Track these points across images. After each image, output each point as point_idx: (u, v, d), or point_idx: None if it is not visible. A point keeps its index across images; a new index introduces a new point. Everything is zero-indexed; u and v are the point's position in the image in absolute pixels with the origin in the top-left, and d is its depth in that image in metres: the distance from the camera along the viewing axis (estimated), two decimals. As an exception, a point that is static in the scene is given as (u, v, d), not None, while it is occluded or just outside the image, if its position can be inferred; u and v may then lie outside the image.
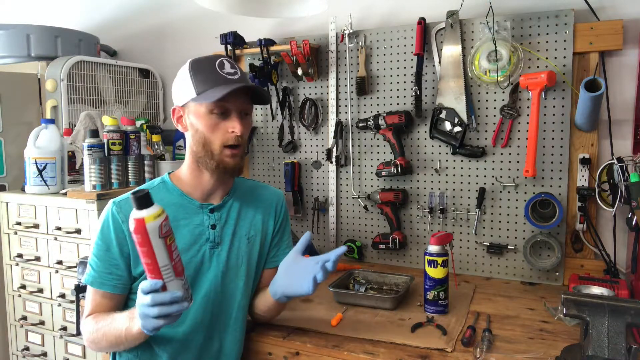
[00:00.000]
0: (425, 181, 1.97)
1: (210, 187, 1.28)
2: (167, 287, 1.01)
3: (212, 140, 1.21)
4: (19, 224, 1.97)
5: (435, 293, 1.46)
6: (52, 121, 2.00)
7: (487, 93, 1.84)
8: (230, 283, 1.29)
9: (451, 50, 1.86)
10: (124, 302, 1.25)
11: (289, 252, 1.35)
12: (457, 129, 1.86)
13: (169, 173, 1.33)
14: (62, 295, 1.89)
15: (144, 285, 1.01)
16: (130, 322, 1.10)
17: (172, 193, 1.27)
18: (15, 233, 2.00)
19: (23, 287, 1.99)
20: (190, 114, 1.23)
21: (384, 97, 2.02)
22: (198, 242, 1.26)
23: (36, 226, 1.93)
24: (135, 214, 0.97)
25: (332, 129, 2.10)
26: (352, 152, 2.09)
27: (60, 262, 1.88)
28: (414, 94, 1.91)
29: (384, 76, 2.01)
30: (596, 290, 1.46)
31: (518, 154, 1.81)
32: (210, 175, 1.26)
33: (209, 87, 1.18)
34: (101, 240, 1.21)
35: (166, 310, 1.00)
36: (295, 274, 1.22)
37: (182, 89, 1.23)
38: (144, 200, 0.96)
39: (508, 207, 1.84)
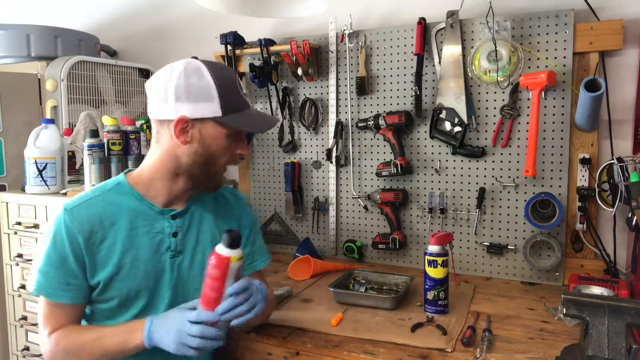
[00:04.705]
0: (425, 181, 1.97)
1: (179, 193, 1.21)
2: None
3: (218, 162, 1.17)
4: (19, 224, 1.97)
5: (435, 293, 1.46)
6: (52, 121, 2.00)
7: (487, 93, 1.84)
8: (195, 293, 1.14)
9: (451, 50, 1.86)
10: (83, 311, 1.19)
11: (264, 253, 1.36)
12: (457, 129, 1.86)
13: (126, 173, 1.21)
14: (62, 295, 1.89)
15: (195, 315, 1.04)
16: (129, 336, 1.09)
17: (128, 196, 1.17)
18: (15, 233, 2.00)
19: (23, 287, 1.99)
20: (204, 131, 1.12)
21: (384, 97, 2.02)
22: (158, 251, 1.18)
23: (36, 226, 1.93)
24: (224, 250, 1.03)
25: (332, 129, 2.10)
26: (352, 152, 2.09)
27: (60, 262, 1.88)
28: (414, 94, 1.91)
29: (384, 76, 2.01)
30: (596, 290, 1.46)
31: (518, 154, 1.81)
32: (186, 185, 1.20)
33: (236, 110, 1.13)
34: (54, 253, 1.12)
35: (204, 343, 1.03)
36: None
37: (199, 99, 1.10)
38: (236, 241, 1.03)
39: (508, 207, 1.84)
